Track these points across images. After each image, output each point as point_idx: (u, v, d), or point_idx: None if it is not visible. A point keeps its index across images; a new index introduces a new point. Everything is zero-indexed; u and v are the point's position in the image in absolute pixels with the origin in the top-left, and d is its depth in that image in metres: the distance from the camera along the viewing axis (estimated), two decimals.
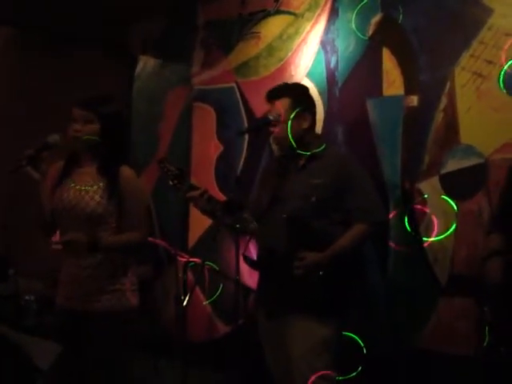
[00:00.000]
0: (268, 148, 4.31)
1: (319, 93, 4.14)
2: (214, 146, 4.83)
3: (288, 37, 4.43)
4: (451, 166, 3.55)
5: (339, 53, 4.10)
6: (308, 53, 4.30)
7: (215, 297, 4.37)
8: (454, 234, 3.49)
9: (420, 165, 3.67)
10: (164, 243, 4.29)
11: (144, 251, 3.05)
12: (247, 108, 4.64)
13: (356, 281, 3.05)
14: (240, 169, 4.62)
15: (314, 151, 3.04)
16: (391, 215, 3.63)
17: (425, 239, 3.57)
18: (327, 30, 4.18)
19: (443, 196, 3.52)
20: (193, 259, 3.88)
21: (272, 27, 4.53)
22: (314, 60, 4.26)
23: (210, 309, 4.71)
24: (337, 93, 4.10)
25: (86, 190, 2.81)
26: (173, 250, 4.06)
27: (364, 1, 3.91)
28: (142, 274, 3.41)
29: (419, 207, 3.62)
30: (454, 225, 3.47)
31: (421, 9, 3.70)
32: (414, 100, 3.73)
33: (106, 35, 5.20)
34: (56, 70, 5.11)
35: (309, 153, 3.05)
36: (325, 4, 4.21)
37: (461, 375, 3.33)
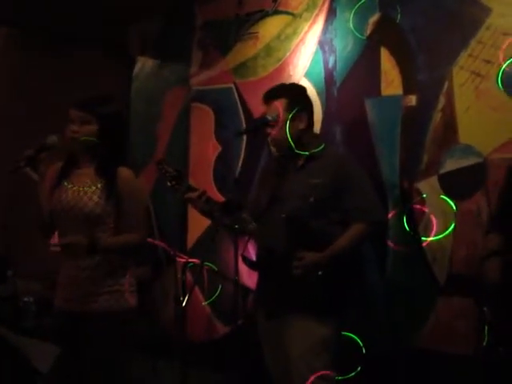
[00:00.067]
0: (267, 148, 4.30)
1: (317, 93, 4.14)
2: (213, 147, 4.82)
3: (286, 37, 4.42)
4: (450, 166, 3.56)
5: (337, 53, 4.10)
6: (306, 53, 4.30)
7: (214, 297, 4.37)
8: (453, 234, 3.49)
9: (419, 164, 3.67)
10: (163, 244, 4.28)
11: (143, 252, 3.04)
12: (245, 108, 4.64)
13: (355, 280, 3.05)
14: (238, 169, 4.61)
15: (313, 151, 3.04)
16: (390, 215, 3.63)
17: (423, 239, 3.57)
18: (325, 30, 4.18)
19: (442, 196, 3.52)
20: (192, 260, 3.87)
21: (270, 27, 4.53)
22: (312, 60, 4.25)
23: (209, 309, 4.71)
24: (335, 93, 4.09)
25: (85, 191, 2.81)
26: (172, 251, 4.05)
27: (362, 0, 3.91)
28: (141, 275, 3.41)
29: (418, 207, 3.62)
30: (453, 224, 3.47)
31: (419, 8, 3.70)
32: (413, 100, 3.73)
33: (105, 35, 5.19)
34: (55, 70, 5.11)
35: (307, 153, 3.05)
36: (323, 4, 4.21)
37: (459, 375, 3.34)
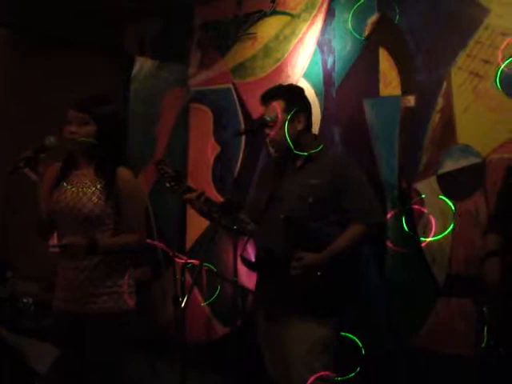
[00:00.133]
0: (265, 149, 4.30)
1: (316, 93, 4.14)
2: (211, 147, 4.82)
3: (284, 37, 4.42)
4: (448, 166, 3.56)
5: (336, 53, 4.10)
6: (305, 53, 4.30)
7: (213, 298, 4.37)
8: (452, 234, 3.50)
9: (417, 165, 3.67)
10: (162, 245, 4.28)
11: (142, 253, 3.04)
12: (244, 109, 4.64)
13: (354, 281, 3.04)
14: (237, 170, 4.61)
15: (311, 152, 3.04)
16: (389, 215, 3.63)
17: (422, 239, 3.57)
18: (324, 31, 4.18)
19: (441, 196, 3.53)
20: (191, 261, 3.87)
21: (268, 28, 4.53)
22: (311, 61, 4.25)
23: (209, 310, 4.71)
24: (334, 93, 4.09)
25: (84, 192, 2.80)
26: (171, 252, 4.05)
27: (360, 1, 3.91)
28: (140, 276, 3.41)
29: (417, 207, 3.61)
30: (452, 225, 3.47)
31: (417, 9, 3.70)
32: (411, 100, 3.73)
33: (103, 36, 5.18)
34: (52, 72, 5.09)
35: (306, 154, 3.04)
36: (321, 4, 4.21)
37: (458, 375, 3.34)
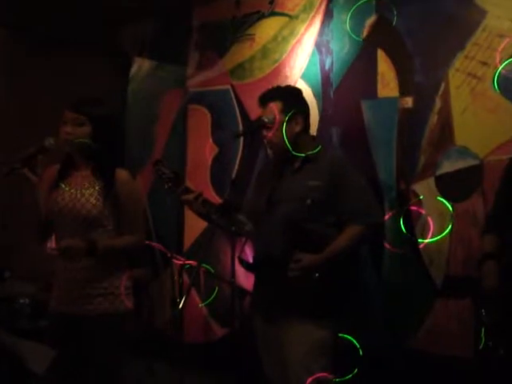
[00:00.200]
0: (263, 150, 4.30)
1: (314, 95, 4.14)
2: (209, 148, 4.82)
3: (283, 39, 4.42)
4: (446, 168, 3.56)
5: (334, 54, 4.10)
6: (303, 54, 4.30)
7: (211, 299, 4.37)
8: (450, 236, 3.50)
9: (415, 166, 3.67)
10: (160, 246, 4.28)
11: (140, 254, 3.04)
12: (242, 110, 4.64)
13: (352, 282, 3.04)
14: (235, 171, 4.61)
15: (309, 153, 3.04)
16: (387, 217, 3.63)
17: (420, 241, 3.57)
18: (322, 32, 4.18)
19: (439, 197, 3.53)
20: (188, 262, 3.87)
21: (266, 29, 4.53)
22: (309, 62, 4.26)
23: (206, 311, 4.71)
24: (331, 94, 4.10)
25: (82, 193, 2.80)
26: (168, 253, 4.05)
27: (359, 2, 3.91)
28: (138, 277, 3.40)
29: (415, 208, 3.62)
30: (450, 226, 3.47)
31: (415, 10, 3.70)
32: (409, 101, 3.73)
33: (102, 36, 5.18)
34: (50, 72, 5.09)
35: (303, 155, 3.04)
36: (319, 6, 4.21)
37: (456, 377, 3.34)
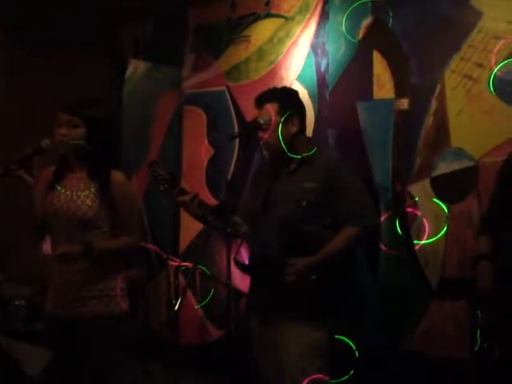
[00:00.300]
0: (259, 152, 4.30)
1: (310, 96, 4.14)
2: (205, 150, 4.82)
3: (278, 40, 4.42)
4: (442, 169, 3.57)
5: (330, 56, 4.10)
6: (298, 56, 4.30)
7: (207, 301, 4.36)
8: (445, 237, 3.50)
9: (411, 168, 3.68)
10: (155, 247, 4.27)
11: (135, 254, 3.03)
12: (238, 111, 4.64)
13: (347, 284, 3.04)
14: (231, 172, 4.61)
15: (305, 155, 3.04)
16: (382, 218, 3.63)
17: (416, 242, 3.57)
18: (318, 33, 4.18)
19: (434, 199, 3.53)
20: (184, 263, 3.86)
21: (262, 31, 4.53)
22: (305, 63, 4.26)
23: (202, 313, 4.70)
24: (327, 96, 4.10)
25: (78, 195, 2.80)
26: (164, 255, 4.05)
27: (354, 4, 3.92)
28: (134, 278, 3.40)
29: (410, 210, 3.62)
30: (445, 228, 3.47)
31: (411, 12, 3.70)
32: (405, 103, 3.74)
33: (97, 37, 5.18)
34: (46, 73, 5.08)
35: (299, 157, 3.04)
36: (315, 7, 4.21)
37: (452, 378, 3.34)
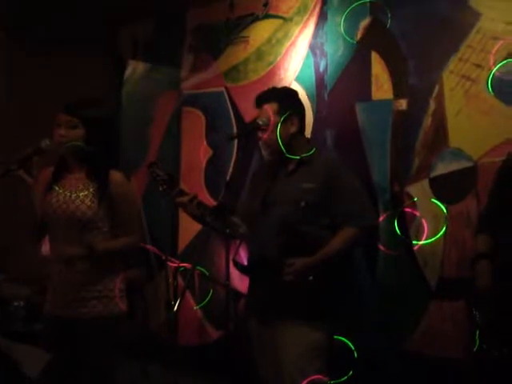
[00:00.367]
0: (258, 152, 4.30)
1: (308, 97, 4.15)
2: (204, 151, 4.82)
3: (277, 41, 4.43)
4: (440, 170, 3.57)
5: (328, 57, 4.11)
6: (297, 57, 4.30)
7: (205, 301, 4.36)
8: (444, 238, 3.50)
9: (409, 168, 3.68)
10: (154, 248, 4.28)
11: (134, 255, 3.04)
12: (236, 112, 4.64)
13: (346, 285, 3.04)
14: (230, 173, 4.61)
15: (304, 155, 3.04)
16: (381, 219, 3.63)
17: (414, 242, 3.58)
18: (316, 34, 4.19)
19: (433, 199, 3.53)
20: (183, 264, 3.86)
21: (261, 31, 4.53)
22: (303, 64, 4.26)
23: (201, 313, 4.70)
24: (326, 97, 4.10)
25: (77, 195, 2.80)
26: (163, 256, 4.05)
27: (353, 5, 3.92)
28: (133, 278, 3.40)
29: (409, 210, 3.62)
30: (444, 228, 3.48)
31: (409, 13, 3.71)
32: (403, 104, 3.74)
33: (101, 36, 5.18)
34: (50, 72, 5.09)
35: (298, 157, 3.04)
36: (313, 8, 4.22)
37: (451, 378, 3.34)
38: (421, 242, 3.52)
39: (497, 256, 2.82)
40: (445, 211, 3.46)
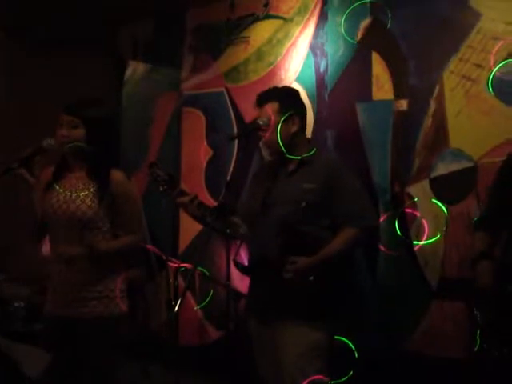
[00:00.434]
0: (258, 152, 4.31)
1: (309, 97, 4.15)
2: (204, 151, 4.82)
3: (277, 41, 4.43)
4: (441, 170, 3.57)
5: (329, 57, 4.11)
6: (297, 57, 4.30)
7: (206, 302, 4.36)
8: (445, 238, 3.50)
9: (410, 169, 3.68)
10: (155, 249, 4.27)
11: (135, 255, 3.03)
12: (237, 113, 4.64)
13: (347, 285, 3.04)
14: (230, 173, 4.61)
15: (305, 156, 3.04)
16: (381, 219, 3.63)
17: (415, 243, 3.58)
18: (316, 35, 4.19)
19: (433, 199, 3.53)
20: (183, 264, 3.86)
21: (261, 32, 4.54)
22: (304, 64, 4.26)
23: (201, 314, 4.70)
24: (326, 97, 4.10)
25: (77, 195, 2.80)
26: (164, 256, 4.05)
27: (353, 5, 3.92)
28: (133, 278, 3.40)
29: (409, 211, 3.62)
30: (445, 228, 3.48)
31: (410, 13, 3.71)
32: (404, 104, 3.74)
33: (97, 38, 5.18)
34: (50, 72, 5.09)
35: (299, 157, 3.04)
36: (314, 8, 4.22)
37: (452, 379, 3.34)
38: (421, 243, 3.52)
39: (495, 255, 2.82)
40: (445, 211, 3.46)
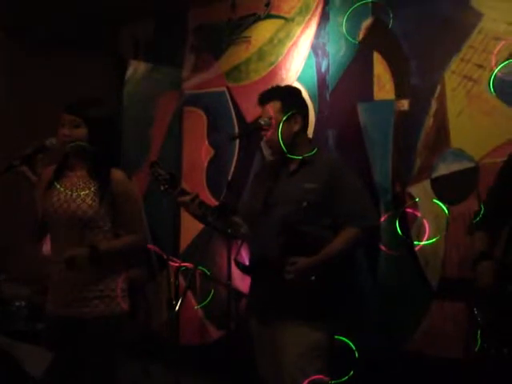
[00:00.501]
0: (259, 152, 4.31)
1: (310, 97, 4.14)
2: (205, 151, 4.82)
3: (279, 41, 4.43)
4: (442, 170, 3.57)
5: (330, 57, 4.11)
6: (299, 57, 4.30)
7: (207, 301, 4.36)
8: (445, 238, 3.50)
9: (411, 169, 3.68)
10: (156, 248, 4.28)
11: (136, 255, 3.03)
12: (238, 112, 4.64)
13: (347, 285, 3.04)
14: (231, 173, 4.61)
15: (306, 155, 3.04)
16: (382, 219, 3.63)
17: (416, 243, 3.58)
18: (318, 34, 4.19)
19: (434, 200, 3.53)
20: (184, 264, 3.87)
21: (262, 31, 4.54)
22: (305, 64, 4.26)
23: (202, 313, 4.70)
24: (328, 97, 4.10)
25: (78, 194, 2.80)
26: (165, 255, 4.05)
27: (355, 5, 3.92)
28: (134, 277, 3.40)
29: (410, 211, 3.62)
30: (446, 228, 3.48)
31: (411, 13, 3.71)
32: (405, 104, 3.74)
33: (97, 38, 5.18)
34: (50, 72, 5.09)
35: (300, 157, 3.04)
36: (315, 8, 4.22)
37: (453, 378, 3.34)
38: (422, 243, 3.52)
39: (496, 255, 2.82)
40: (446, 212, 3.46)
